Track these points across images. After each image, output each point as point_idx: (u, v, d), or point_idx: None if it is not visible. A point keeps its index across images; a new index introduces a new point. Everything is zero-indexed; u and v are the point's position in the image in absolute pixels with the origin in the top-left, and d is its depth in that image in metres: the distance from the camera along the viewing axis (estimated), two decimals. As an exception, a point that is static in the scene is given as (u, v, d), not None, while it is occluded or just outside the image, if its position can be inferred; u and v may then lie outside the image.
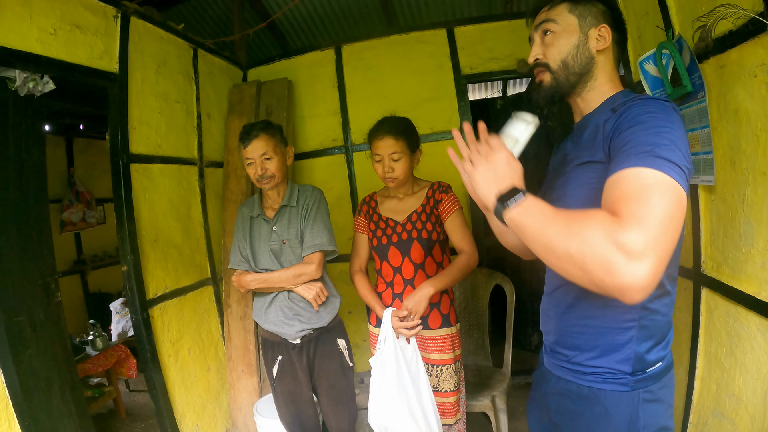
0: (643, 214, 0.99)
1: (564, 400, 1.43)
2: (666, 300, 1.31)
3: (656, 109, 1.17)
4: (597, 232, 0.99)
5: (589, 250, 1.00)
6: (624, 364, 1.30)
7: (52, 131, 6.18)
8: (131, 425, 4.31)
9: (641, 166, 1.05)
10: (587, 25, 1.39)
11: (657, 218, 0.99)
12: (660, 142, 1.08)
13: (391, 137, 2.49)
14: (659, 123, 1.13)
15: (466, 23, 4.19)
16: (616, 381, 1.31)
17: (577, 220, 1.04)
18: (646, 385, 1.30)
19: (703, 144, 2.02)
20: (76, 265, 6.62)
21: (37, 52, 2.46)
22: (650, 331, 1.30)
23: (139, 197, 3.11)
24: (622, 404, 1.31)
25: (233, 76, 4.45)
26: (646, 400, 1.30)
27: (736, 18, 1.71)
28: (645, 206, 1.00)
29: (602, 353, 1.33)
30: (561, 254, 1.05)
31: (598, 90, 1.42)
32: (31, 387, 2.40)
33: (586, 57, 1.39)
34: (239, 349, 3.74)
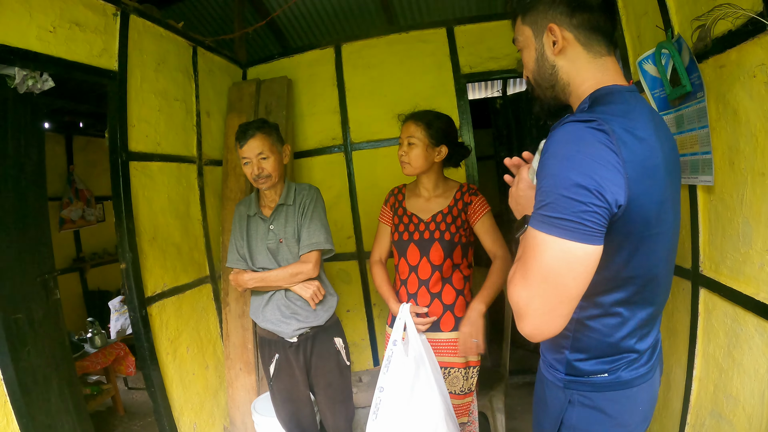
0: (519, 280, 1.13)
1: (538, 375, 1.54)
2: (610, 321, 1.29)
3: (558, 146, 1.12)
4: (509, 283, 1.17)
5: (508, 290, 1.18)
6: (558, 364, 1.40)
7: (52, 129, 6.17)
8: (129, 423, 4.31)
9: (532, 227, 1.12)
10: (540, 31, 1.31)
11: (533, 280, 1.10)
12: (549, 196, 1.09)
13: (411, 122, 2.50)
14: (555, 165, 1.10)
15: (466, 22, 4.20)
16: (553, 374, 1.42)
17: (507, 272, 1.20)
18: (581, 389, 1.35)
19: (701, 144, 2.01)
20: (76, 262, 6.62)
21: (36, 50, 2.45)
22: (584, 344, 1.33)
23: (138, 195, 3.11)
24: (555, 395, 1.40)
25: (233, 75, 4.45)
26: (582, 404, 1.35)
27: (735, 18, 1.70)
28: (521, 271, 1.14)
29: (549, 348, 1.43)
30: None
31: (575, 93, 1.32)
32: (29, 384, 2.40)
33: (548, 68, 1.32)
34: (237, 347, 3.74)
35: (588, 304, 1.26)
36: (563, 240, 1.06)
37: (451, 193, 2.56)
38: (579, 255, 1.07)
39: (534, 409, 1.56)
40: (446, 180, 2.63)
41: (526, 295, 1.10)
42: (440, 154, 2.53)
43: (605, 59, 1.30)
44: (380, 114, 4.19)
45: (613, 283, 1.24)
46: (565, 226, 1.05)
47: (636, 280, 1.26)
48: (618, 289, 1.26)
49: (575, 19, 1.26)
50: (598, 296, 1.24)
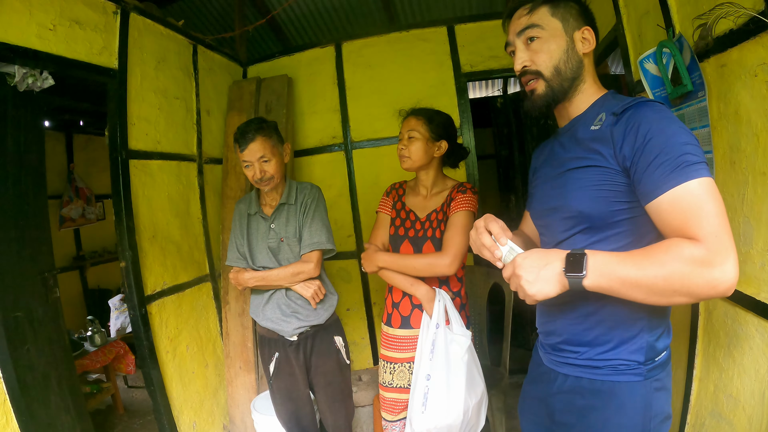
0: (714, 227, 1.11)
1: (573, 397, 1.44)
2: None
3: (659, 114, 1.22)
4: (691, 264, 1.10)
5: (693, 280, 1.10)
6: (637, 354, 1.35)
7: (52, 127, 6.17)
8: (129, 421, 4.31)
9: (686, 181, 1.14)
10: (570, 28, 1.40)
11: (721, 221, 1.11)
12: (685, 149, 1.16)
13: (412, 117, 2.50)
14: (673, 127, 1.19)
15: (467, 21, 4.20)
16: (630, 372, 1.36)
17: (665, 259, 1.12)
18: (656, 373, 1.36)
19: (703, 143, 2.01)
20: (76, 261, 6.61)
21: (36, 48, 2.45)
22: (658, 320, 1.37)
23: (137, 193, 3.10)
24: (636, 394, 1.35)
25: (233, 73, 4.45)
26: (656, 389, 1.35)
27: (737, 16, 1.70)
28: (711, 219, 1.11)
29: (615, 346, 1.37)
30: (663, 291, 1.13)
31: (585, 92, 1.44)
32: (28, 382, 2.39)
33: (576, 61, 1.41)
34: (237, 345, 3.73)
35: None
36: (710, 178, 1.15)
37: (447, 192, 2.55)
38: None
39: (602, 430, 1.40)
40: (445, 178, 2.62)
41: (728, 237, 1.11)
42: (440, 149, 2.52)
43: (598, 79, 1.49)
44: (381, 113, 4.19)
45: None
46: (705, 166, 1.15)
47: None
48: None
49: (595, 31, 1.43)
50: None
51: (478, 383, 2.32)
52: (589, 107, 1.43)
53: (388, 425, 2.66)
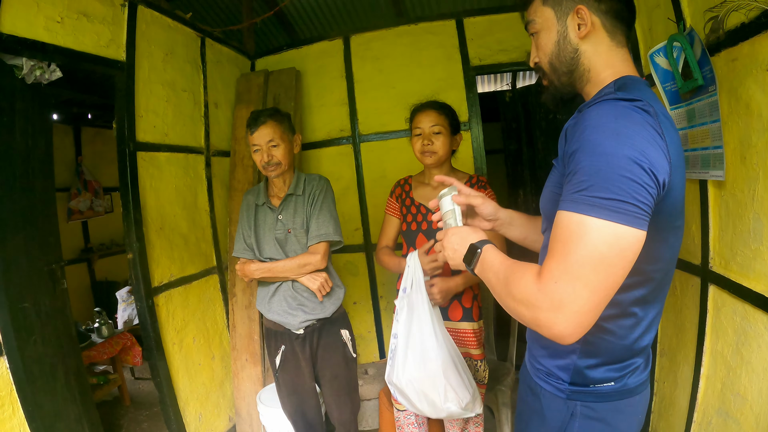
0: (561, 272, 1.00)
1: (523, 386, 1.50)
2: (625, 323, 1.23)
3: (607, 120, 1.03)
4: (523, 293, 1.06)
5: (520, 309, 1.08)
6: (563, 371, 1.30)
7: (60, 120, 6.19)
8: (135, 413, 4.34)
9: (570, 211, 1.02)
10: (564, 13, 1.26)
11: (572, 272, 0.99)
12: (594, 177, 0.99)
13: (433, 110, 2.49)
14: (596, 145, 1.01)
15: (476, 14, 4.17)
16: (553, 383, 1.32)
17: (511, 277, 1.11)
18: (586, 399, 1.27)
19: (713, 138, 1.99)
20: (83, 253, 6.64)
21: (44, 40, 2.46)
22: (596, 348, 1.24)
23: (145, 185, 3.11)
24: (555, 408, 1.31)
25: (241, 66, 4.44)
26: (585, 416, 1.27)
27: (748, 10, 1.68)
28: (564, 262, 1.00)
29: (549, 355, 1.34)
30: (508, 307, 1.14)
31: (594, 81, 1.28)
32: (35, 373, 2.41)
33: (570, 52, 1.27)
34: (244, 338, 3.74)
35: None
36: (615, 224, 0.97)
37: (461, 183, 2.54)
38: (631, 241, 0.99)
39: (522, 421, 1.46)
40: (455, 170, 2.63)
41: (570, 289, 0.98)
42: (457, 143, 2.56)
43: (625, 50, 1.28)
44: (389, 106, 4.18)
45: (635, 278, 1.14)
46: (619, 208, 0.97)
47: (657, 274, 1.21)
48: (639, 286, 1.19)
49: (603, 4, 1.23)
50: (617, 294, 1.07)
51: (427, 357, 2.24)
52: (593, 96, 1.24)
53: (400, 415, 2.67)
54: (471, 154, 4.16)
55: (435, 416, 2.26)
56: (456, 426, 2.61)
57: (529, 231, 1.64)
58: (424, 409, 2.22)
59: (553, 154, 1.62)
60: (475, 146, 4.15)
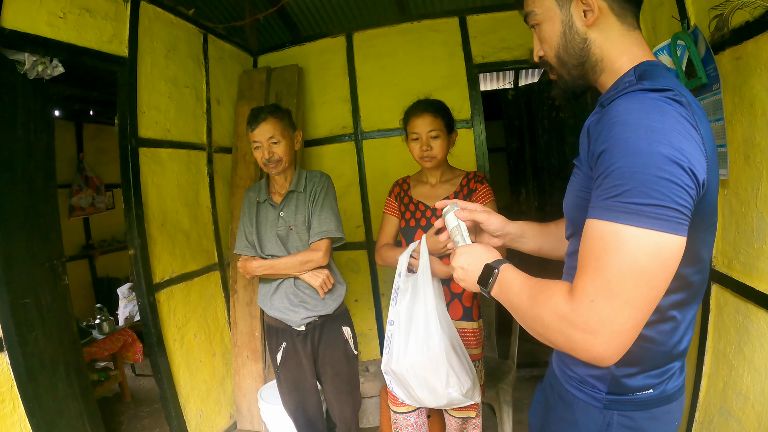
0: (597, 289, 0.91)
1: (551, 393, 1.35)
2: (664, 328, 1.12)
3: (639, 116, 0.92)
4: (553, 315, 0.98)
5: (550, 333, 1.01)
6: (599, 381, 1.18)
7: (62, 116, 6.19)
8: (136, 409, 4.34)
9: (603, 220, 0.92)
10: (567, 1, 1.14)
11: (614, 289, 0.90)
12: (632, 177, 0.89)
13: (429, 114, 2.45)
14: (634, 140, 0.90)
15: (479, 12, 4.17)
16: (589, 392, 1.20)
17: (538, 298, 1.04)
18: (624, 408, 1.17)
19: (717, 137, 1.98)
20: (85, 249, 6.64)
21: (46, 36, 2.46)
22: (635, 357, 1.10)
23: (147, 181, 3.11)
24: (590, 418, 1.20)
25: (243, 62, 4.44)
26: (622, 425, 1.17)
27: (753, 8, 1.67)
28: (600, 278, 0.92)
29: (584, 363, 1.15)
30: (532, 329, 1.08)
31: (609, 70, 1.15)
32: (36, 369, 2.41)
33: (578, 42, 1.15)
34: (245, 335, 3.74)
35: None
36: (656, 232, 0.87)
37: (458, 180, 2.54)
38: (674, 250, 0.89)
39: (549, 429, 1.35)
40: (452, 168, 2.62)
41: (609, 308, 0.90)
42: (453, 141, 2.54)
43: (637, 32, 1.16)
44: (391, 103, 4.17)
45: (675, 283, 1.02)
46: (659, 214, 0.87)
47: (697, 276, 1.11)
48: (680, 290, 1.08)
49: None
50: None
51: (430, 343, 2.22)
52: (610, 88, 1.15)
53: (398, 417, 2.66)
54: (473, 152, 4.15)
55: (435, 405, 2.24)
56: (453, 428, 2.61)
57: (544, 240, 1.55)
58: (424, 397, 2.21)
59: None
60: (478, 144, 4.15)
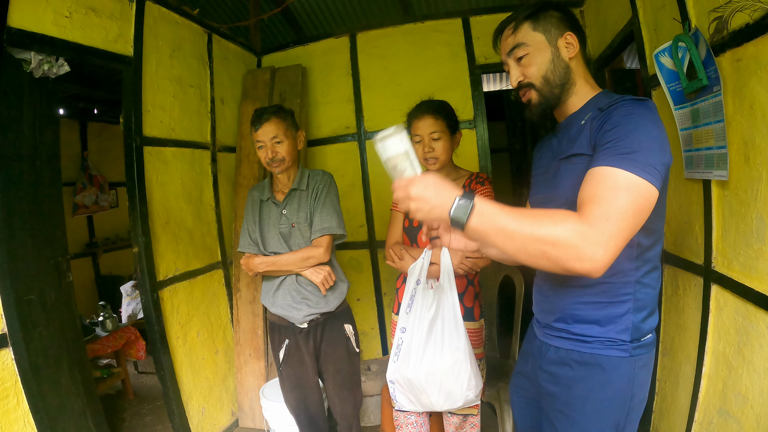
0: (612, 213, 1.20)
1: (563, 368, 1.56)
2: (656, 274, 1.50)
3: (638, 110, 1.31)
4: (568, 230, 1.18)
5: (563, 247, 1.18)
6: (624, 334, 1.46)
7: (67, 115, 6.22)
8: (138, 406, 4.35)
9: (617, 167, 1.24)
10: (553, 37, 1.50)
11: (619, 216, 1.20)
12: (638, 146, 1.25)
13: (430, 116, 2.45)
14: (640, 125, 1.28)
15: (482, 13, 4.17)
16: (617, 347, 1.46)
17: (543, 220, 1.21)
18: (641, 352, 1.47)
19: (717, 138, 1.99)
20: (88, 247, 6.67)
21: (52, 35, 2.48)
22: (643, 303, 1.47)
23: (151, 180, 3.13)
24: (621, 369, 1.46)
25: (247, 62, 4.46)
26: (640, 367, 1.47)
27: (753, 10, 1.68)
28: (613, 205, 1.20)
29: (603, 324, 1.48)
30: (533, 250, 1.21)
31: (578, 93, 1.55)
32: (40, 365, 2.43)
33: (563, 67, 1.51)
34: (247, 333, 3.76)
35: (643, 262, 1.45)
36: (649, 183, 1.23)
37: (462, 180, 2.54)
38: (654, 197, 1.25)
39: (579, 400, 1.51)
40: (457, 168, 2.62)
41: (618, 228, 1.19)
42: (457, 142, 2.55)
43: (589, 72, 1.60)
44: (394, 103, 4.18)
45: (656, 235, 1.46)
46: (653, 172, 1.23)
47: (663, 228, 1.50)
48: (658, 241, 1.48)
49: (578, 35, 1.52)
50: (650, 250, 1.46)
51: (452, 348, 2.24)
52: (582, 106, 1.53)
53: (400, 414, 2.67)
54: (476, 153, 4.16)
55: (447, 408, 2.28)
56: (452, 425, 2.62)
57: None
58: (437, 401, 2.24)
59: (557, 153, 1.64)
60: (480, 145, 4.16)
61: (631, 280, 1.45)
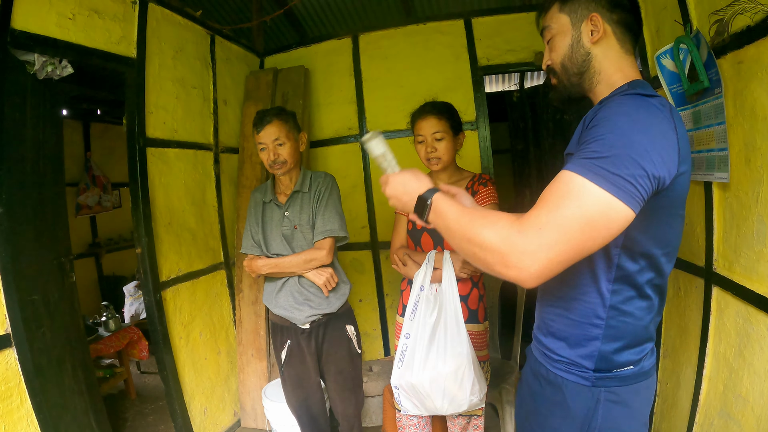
0: (549, 221, 1.07)
1: (535, 380, 1.48)
2: (641, 304, 1.32)
3: (627, 108, 1.15)
4: (497, 234, 1.10)
5: (481, 252, 1.12)
6: (587, 360, 1.34)
7: (70, 116, 6.22)
8: (141, 406, 4.36)
9: (575, 172, 1.09)
10: (579, 19, 1.37)
11: (557, 227, 1.06)
12: (609, 151, 1.08)
13: (433, 116, 2.46)
14: (620, 126, 1.12)
15: (484, 14, 4.17)
16: (577, 373, 1.35)
17: (478, 221, 1.15)
18: (609, 384, 1.33)
19: (718, 141, 2.00)
20: (91, 248, 6.66)
21: (55, 37, 2.49)
22: (618, 332, 1.31)
23: (154, 181, 3.14)
24: (580, 397, 1.34)
25: (250, 63, 4.47)
26: (609, 401, 1.32)
27: (754, 13, 1.69)
28: (554, 213, 1.07)
29: (570, 345, 1.37)
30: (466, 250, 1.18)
31: (605, 82, 1.37)
32: (43, 365, 2.44)
33: (581, 55, 1.37)
34: (250, 333, 3.77)
35: (624, 287, 1.29)
36: (612, 197, 1.05)
37: (465, 181, 2.54)
38: (621, 216, 1.07)
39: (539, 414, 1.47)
40: (460, 170, 2.62)
41: (553, 239, 1.05)
42: (460, 142, 2.55)
43: (632, 58, 1.39)
44: (397, 105, 4.19)
45: (645, 261, 1.27)
46: (621, 184, 1.05)
47: (666, 257, 1.31)
48: (651, 269, 1.29)
49: (615, 14, 1.34)
50: (637, 276, 1.27)
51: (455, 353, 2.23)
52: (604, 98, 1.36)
53: (402, 416, 2.67)
54: (478, 154, 4.16)
55: (452, 411, 2.28)
56: (457, 426, 2.62)
57: None
58: (441, 406, 2.24)
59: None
60: (483, 146, 4.16)
61: (604, 303, 1.29)
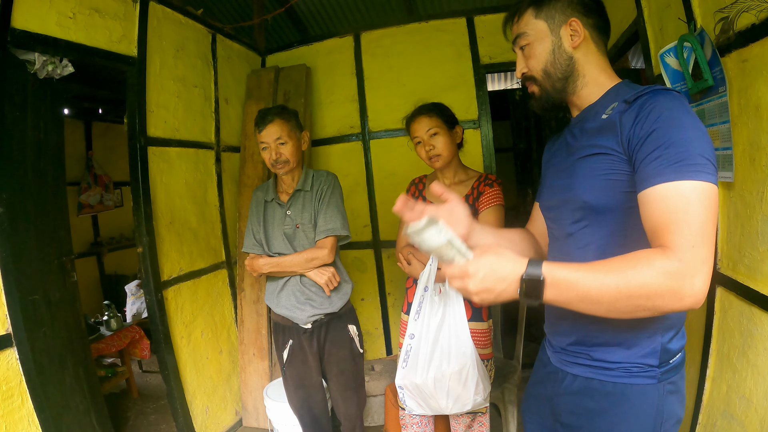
0: (695, 236, 1.05)
1: (582, 398, 1.38)
2: None
3: (673, 104, 1.16)
4: (659, 274, 1.04)
5: (659, 294, 1.05)
6: (650, 358, 1.29)
7: (71, 115, 6.22)
8: (143, 405, 4.36)
9: (679, 180, 1.08)
10: (557, 25, 1.37)
11: (703, 235, 1.05)
12: (690, 148, 1.09)
13: (423, 116, 2.48)
14: (681, 122, 1.13)
15: (486, 12, 4.17)
16: (643, 374, 1.29)
17: (631, 273, 1.06)
18: (669, 376, 1.30)
19: (722, 140, 1.98)
20: (93, 247, 6.67)
21: (56, 36, 2.49)
22: (671, 320, 1.30)
23: (155, 180, 3.14)
24: (648, 398, 1.29)
25: (251, 62, 4.46)
26: (669, 392, 1.30)
27: (759, 11, 1.67)
28: (692, 228, 1.06)
29: (628, 348, 1.31)
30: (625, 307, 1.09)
31: (592, 84, 1.40)
32: (44, 365, 2.43)
33: (564, 59, 1.38)
34: (251, 332, 3.76)
35: None
36: (712, 185, 1.08)
37: (471, 181, 2.53)
38: (717, 195, 1.11)
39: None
40: (465, 169, 2.61)
41: (707, 251, 1.05)
42: (458, 135, 2.55)
43: (607, 59, 1.44)
44: (399, 103, 4.16)
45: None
46: (711, 171, 1.09)
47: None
48: None
49: (590, 18, 1.38)
50: None
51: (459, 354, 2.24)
52: (601, 97, 1.38)
53: (405, 414, 2.67)
54: (480, 153, 4.16)
55: (457, 411, 2.28)
56: (461, 424, 2.62)
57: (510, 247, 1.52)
58: (446, 405, 2.24)
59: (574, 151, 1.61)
60: (485, 144, 4.15)
61: None
